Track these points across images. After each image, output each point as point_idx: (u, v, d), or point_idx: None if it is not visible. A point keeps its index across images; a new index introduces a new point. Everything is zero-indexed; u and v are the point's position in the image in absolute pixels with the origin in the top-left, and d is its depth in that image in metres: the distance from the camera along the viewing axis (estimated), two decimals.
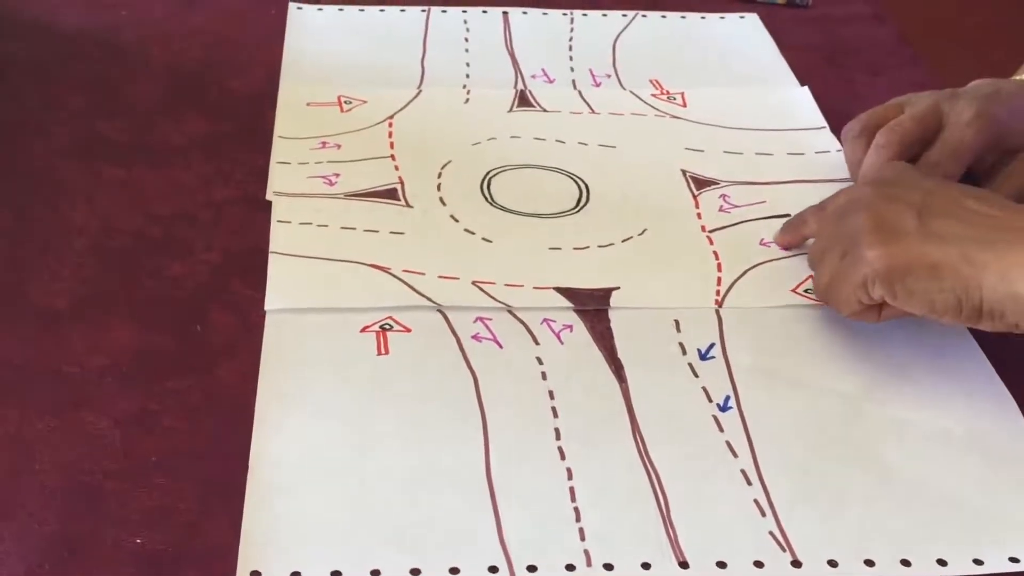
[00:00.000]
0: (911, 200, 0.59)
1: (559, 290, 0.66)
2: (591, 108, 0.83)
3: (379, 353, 0.62)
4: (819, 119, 0.83)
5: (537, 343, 0.63)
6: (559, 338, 0.63)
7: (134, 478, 0.54)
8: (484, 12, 0.95)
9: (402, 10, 0.94)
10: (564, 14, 0.95)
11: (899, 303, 0.58)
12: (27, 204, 0.71)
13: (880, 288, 0.58)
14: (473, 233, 0.70)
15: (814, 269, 0.64)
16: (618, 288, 0.67)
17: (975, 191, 0.62)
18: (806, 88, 0.86)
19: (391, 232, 0.70)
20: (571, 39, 0.92)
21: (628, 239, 0.71)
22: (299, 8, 0.93)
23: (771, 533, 0.53)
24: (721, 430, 0.58)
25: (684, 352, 0.63)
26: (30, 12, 0.90)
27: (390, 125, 0.80)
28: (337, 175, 0.74)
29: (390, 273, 0.66)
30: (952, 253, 0.56)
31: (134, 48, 0.87)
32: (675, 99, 0.85)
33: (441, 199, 0.73)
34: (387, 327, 0.63)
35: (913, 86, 0.80)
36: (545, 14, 0.95)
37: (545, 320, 0.64)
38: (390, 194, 0.73)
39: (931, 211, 0.59)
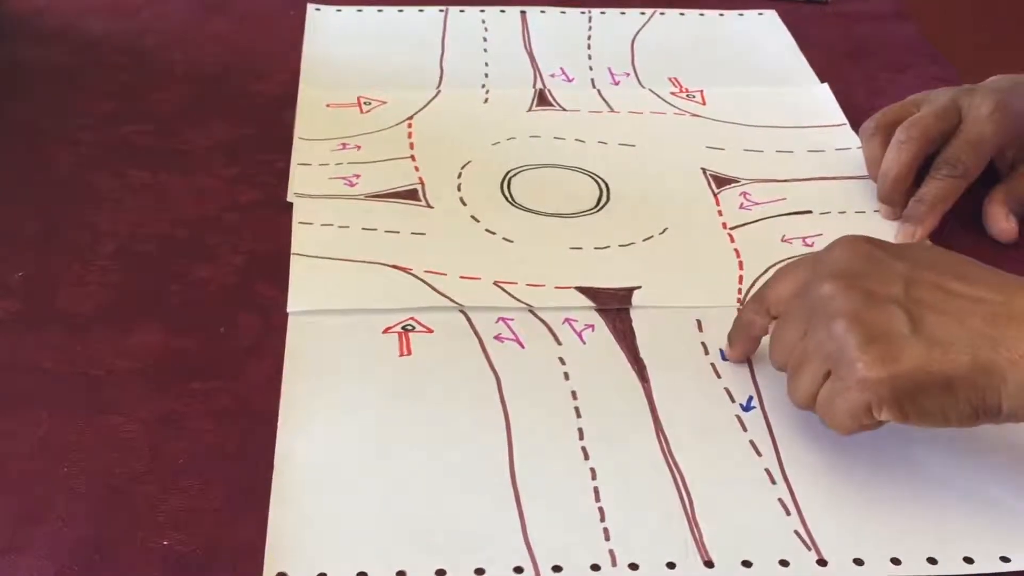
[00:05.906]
0: (892, 295, 0.53)
1: (580, 290, 0.66)
2: (610, 107, 0.83)
3: (401, 354, 0.62)
4: (839, 116, 0.83)
5: (559, 343, 0.63)
6: (581, 338, 0.64)
7: (161, 480, 0.54)
8: (502, 11, 0.95)
9: (420, 10, 0.94)
10: (582, 12, 0.95)
11: (911, 423, 0.53)
12: (53, 209, 0.71)
13: (889, 412, 0.52)
14: (494, 233, 0.71)
15: (785, 373, 0.57)
16: (640, 287, 0.67)
17: (952, 264, 0.55)
18: (826, 85, 0.86)
19: (412, 233, 0.70)
20: (589, 38, 0.92)
21: (649, 238, 0.71)
22: (318, 10, 0.93)
23: (796, 532, 0.53)
24: (744, 430, 0.58)
25: (706, 352, 0.63)
26: (53, 19, 0.91)
27: (410, 126, 0.80)
28: (358, 176, 0.75)
29: (412, 274, 0.67)
30: (962, 362, 0.51)
31: (156, 53, 0.87)
32: (694, 97, 0.85)
33: (462, 199, 0.73)
34: (409, 328, 0.63)
35: (933, 82, 0.80)
36: (563, 13, 0.95)
37: (567, 320, 0.65)
38: (411, 195, 0.73)
39: (920, 307, 0.53)
